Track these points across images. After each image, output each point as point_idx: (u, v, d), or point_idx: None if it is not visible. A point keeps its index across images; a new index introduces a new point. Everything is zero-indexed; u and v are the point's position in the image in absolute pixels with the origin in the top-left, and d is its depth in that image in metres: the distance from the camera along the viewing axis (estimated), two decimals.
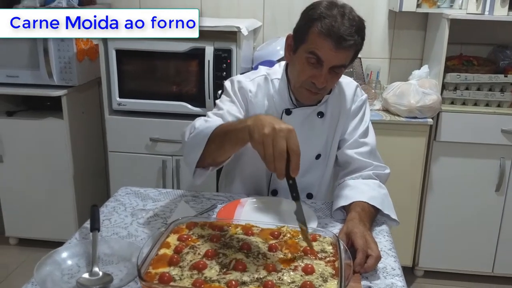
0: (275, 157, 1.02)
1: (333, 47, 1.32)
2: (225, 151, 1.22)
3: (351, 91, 1.57)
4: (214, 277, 0.97)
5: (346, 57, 1.37)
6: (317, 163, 1.59)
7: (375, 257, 1.13)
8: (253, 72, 1.62)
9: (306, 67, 1.38)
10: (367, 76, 2.77)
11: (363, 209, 1.33)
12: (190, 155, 1.26)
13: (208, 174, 1.32)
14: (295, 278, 0.98)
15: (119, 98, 2.52)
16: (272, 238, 1.14)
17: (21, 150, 2.71)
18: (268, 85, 1.54)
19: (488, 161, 2.51)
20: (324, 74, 1.37)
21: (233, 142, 1.16)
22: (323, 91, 1.44)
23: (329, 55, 1.34)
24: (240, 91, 1.52)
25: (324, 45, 1.32)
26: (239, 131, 1.12)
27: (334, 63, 1.36)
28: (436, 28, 2.56)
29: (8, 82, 2.63)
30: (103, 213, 1.40)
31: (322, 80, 1.38)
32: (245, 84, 1.53)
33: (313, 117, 1.54)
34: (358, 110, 1.57)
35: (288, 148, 1.02)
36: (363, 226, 1.24)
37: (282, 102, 1.52)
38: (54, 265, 1.10)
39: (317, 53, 1.34)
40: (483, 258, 2.66)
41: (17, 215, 2.82)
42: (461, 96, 2.51)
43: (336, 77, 1.43)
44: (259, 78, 1.56)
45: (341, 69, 1.40)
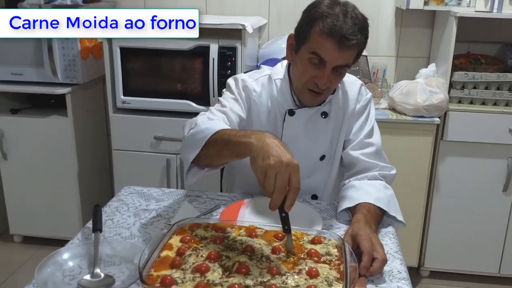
0: (275, 189, 0.99)
1: (336, 47, 1.29)
2: (223, 157, 1.19)
3: (355, 91, 1.54)
4: (217, 280, 0.96)
5: (349, 57, 1.34)
6: (321, 164, 1.57)
7: (381, 260, 1.11)
8: (256, 71, 1.59)
9: (308, 67, 1.36)
10: (373, 75, 2.75)
11: (369, 210, 1.31)
12: (186, 153, 1.23)
13: (202, 175, 1.28)
14: (299, 282, 0.96)
15: (123, 96, 2.51)
16: (276, 240, 1.13)
17: (25, 148, 2.70)
18: (271, 86, 1.52)
19: (495, 161, 2.48)
20: (327, 75, 1.34)
21: (233, 154, 1.13)
22: (326, 92, 1.42)
23: (332, 55, 1.31)
24: (245, 90, 1.50)
25: (326, 45, 1.30)
26: (241, 146, 1.08)
27: (337, 63, 1.33)
28: (444, 26, 2.53)
29: (13, 80, 2.63)
30: (106, 213, 1.39)
31: (325, 81, 1.35)
32: (249, 83, 1.51)
33: (317, 118, 1.51)
34: (363, 109, 1.55)
35: (290, 183, 1.00)
36: (369, 228, 1.22)
37: (285, 102, 1.50)
38: (56, 266, 1.09)
39: (319, 53, 1.32)
40: (489, 259, 2.63)
41: (22, 213, 2.82)
42: (468, 95, 2.48)
43: (340, 77, 1.40)
44: (263, 78, 1.53)
45: (345, 69, 1.37)
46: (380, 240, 1.20)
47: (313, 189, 1.59)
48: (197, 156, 1.20)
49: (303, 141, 1.50)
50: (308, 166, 1.54)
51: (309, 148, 1.52)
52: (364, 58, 2.75)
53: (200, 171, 1.27)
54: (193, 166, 1.25)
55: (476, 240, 2.60)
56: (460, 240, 2.61)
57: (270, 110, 1.51)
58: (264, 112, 1.51)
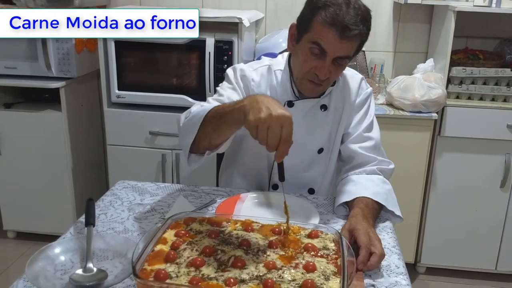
0: (267, 143, 0.99)
1: (338, 37, 1.27)
2: (221, 132, 1.18)
3: (355, 84, 1.53)
4: (212, 275, 0.94)
5: (350, 48, 1.32)
6: (319, 158, 1.55)
7: (378, 255, 1.10)
8: (256, 61, 1.58)
9: (309, 57, 1.34)
10: (371, 70, 2.73)
11: (366, 205, 1.29)
12: (185, 138, 1.22)
13: (204, 160, 1.27)
14: (296, 276, 0.94)
15: (118, 91, 2.48)
16: (272, 234, 1.11)
17: (19, 142, 2.67)
18: (271, 76, 1.50)
19: (493, 157, 2.47)
20: (328, 65, 1.32)
21: (229, 123, 1.12)
22: (326, 83, 1.40)
23: (333, 46, 1.29)
24: (243, 80, 1.49)
25: (328, 35, 1.28)
26: (235, 112, 1.08)
27: (338, 54, 1.31)
28: (442, 20, 2.51)
29: (6, 73, 2.59)
30: (99, 207, 1.37)
31: (325, 72, 1.33)
32: (248, 72, 1.49)
33: (316, 110, 1.49)
34: (363, 103, 1.53)
35: (281, 135, 0.99)
36: (366, 222, 1.20)
37: (284, 94, 1.48)
38: (47, 260, 1.07)
39: (320, 43, 1.30)
40: (486, 255, 2.62)
41: (15, 208, 2.79)
42: (466, 90, 2.46)
43: (340, 69, 1.39)
44: (262, 68, 1.52)
45: (345, 60, 1.35)
46: (378, 235, 1.19)
47: (311, 182, 1.57)
48: (196, 140, 1.19)
49: (301, 133, 1.48)
50: (306, 159, 1.53)
51: (307, 141, 1.51)
52: (362, 53, 2.73)
53: (201, 157, 1.26)
54: (191, 154, 1.25)
55: (473, 236, 2.59)
56: (457, 236, 2.60)
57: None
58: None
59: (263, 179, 1.58)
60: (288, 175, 1.18)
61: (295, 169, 1.50)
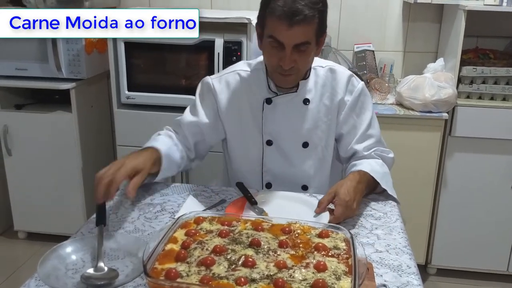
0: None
1: (286, 26, 1.30)
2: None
3: (344, 80, 1.53)
4: (223, 274, 0.93)
5: (304, 33, 1.32)
6: (305, 152, 1.56)
7: (339, 204, 1.25)
8: (231, 66, 1.62)
9: (271, 51, 1.38)
10: (380, 70, 2.72)
11: (361, 174, 1.39)
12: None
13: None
14: (306, 276, 0.94)
15: (128, 92, 2.49)
16: (283, 233, 1.10)
17: (29, 143, 2.69)
18: (237, 80, 1.55)
19: (504, 157, 2.44)
20: (288, 55, 1.35)
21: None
22: (294, 72, 1.41)
23: (285, 35, 1.32)
24: (208, 94, 1.57)
25: (278, 27, 1.31)
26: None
27: (294, 42, 1.33)
28: (452, 20, 2.49)
29: (17, 75, 2.61)
30: (110, 207, 1.37)
31: (287, 62, 1.36)
32: (211, 83, 1.57)
33: (298, 105, 1.52)
34: (356, 101, 1.54)
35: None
36: (355, 183, 1.33)
37: (261, 91, 1.52)
38: (58, 259, 1.07)
39: (275, 36, 1.33)
40: (498, 256, 2.60)
41: (26, 209, 2.81)
42: (477, 90, 2.44)
43: (305, 55, 1.38)
44: (227, 76, 1.57)
45: (306, 46, 1.35)
46: (387, 231, 1.20)
47: (303, 179, 1.59)
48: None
49: (284, 128, 1.53)
50: (292, 153, 1.56)
51: (290, 136, 1.54)
52: (371, 53, 2.72)
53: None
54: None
55: (484, 237, 2.56)
56: (467, 237, 2.58)
57: (239, 104, 1.54)
58: (238, 106, 1.54)
59: (256, 179, 1.61)
60: (276, 171, 1.51)
61: (281, 164, 1.55)
